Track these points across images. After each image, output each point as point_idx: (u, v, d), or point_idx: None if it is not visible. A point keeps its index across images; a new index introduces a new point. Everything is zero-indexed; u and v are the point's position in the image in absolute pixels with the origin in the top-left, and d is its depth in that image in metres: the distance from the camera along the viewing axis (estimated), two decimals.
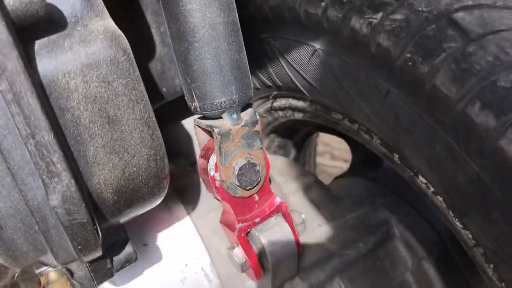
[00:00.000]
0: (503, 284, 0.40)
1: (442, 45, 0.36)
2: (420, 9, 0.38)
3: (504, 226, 0.36)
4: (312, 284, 0.53)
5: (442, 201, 0.42)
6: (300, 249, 0.53)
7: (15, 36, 0.29)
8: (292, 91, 0.56)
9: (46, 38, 0.32)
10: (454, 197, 0.40)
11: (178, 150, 0.59)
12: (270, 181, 0.59)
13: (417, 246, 0.58)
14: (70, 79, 0.32)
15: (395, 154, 0.47)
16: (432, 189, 0.44)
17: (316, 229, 0.57)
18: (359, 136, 0.52)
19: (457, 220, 0.42)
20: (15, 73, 0.29)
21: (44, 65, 0.31)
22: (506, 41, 0.35)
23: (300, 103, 0.59)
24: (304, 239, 0.56)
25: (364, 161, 0.72)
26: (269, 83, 0.59)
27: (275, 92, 0.61)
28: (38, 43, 0.32)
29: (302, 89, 0.53)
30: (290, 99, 0.60)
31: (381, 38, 0.39)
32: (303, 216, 0.54)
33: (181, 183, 0.57)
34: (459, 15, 0.37)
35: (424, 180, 0.44)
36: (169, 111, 0.58)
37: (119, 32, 0.34)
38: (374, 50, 0.40)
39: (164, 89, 0.53)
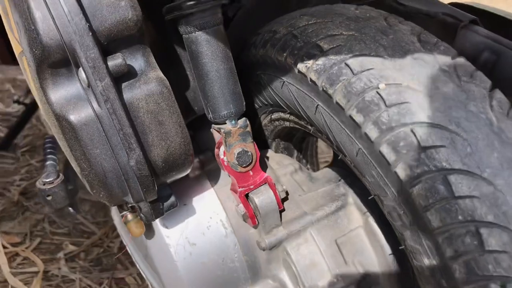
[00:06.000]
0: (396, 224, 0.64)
1: (339, 78, 0.62)
2: (331, 57, 0.64)
3: (377, 181, 0.61)
4: (291, 231, 0.79)
5: (357, 171, 0.67)
6: (281, 206, 0.79)
7: (114, 81, 0.57)
8: (279, 107, 0.83)
9: (127, 82, 0.60)
10: (357, 166, 0.65)
11: (206, 145, 0.87)
12: (267, 167, 0.86)
13: (365, 209, 0.82)
14: (139, 102, 0.60)
15: (334, 145, 0.72)
16: (352, 164, 0.69)
17: (296, 198, 0.83)
18: (318, 136, 0.77)
19: (366, 182, 0.66)
20: (113, 99, 0.57)
21: (127, 95, 0.60)
22: (371, 75, 0.60)
23: (285, 115, 0.85)
24: (288, 204, 0.82)
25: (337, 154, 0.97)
26: (266, 102, 0.86)
27: (271, 108, 0.87)
28: (123, 84, 0.60)
29: (283, 106, 0.80)
30: (280, 113, 0.87)
31: (311, 75, 0.65)
32: (284, 187, 0.80)
33: (208, 167, 0.85)
34: (349, 61, 0.62)
35: (348, 159, 0.69)
36: (201, 121, 0.86)
37: (163, 77, 0.62)
38: (309, 82, 0.66)
39: (196, 108, 0.81)
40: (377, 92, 0.58)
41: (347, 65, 0.62)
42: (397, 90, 0.58)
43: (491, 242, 0.52)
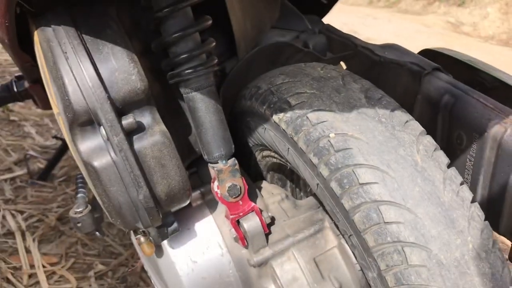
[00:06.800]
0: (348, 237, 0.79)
1: (301, 128, 0.78)
2: (296, 111, 0.80)
3: (331, 210, 0.76)
4: (275, 251, 0.94)
5: (320, 200, 0.82)
6: (267, 230, 0.94)
7: (126, 136, 0.75)
8: (265, 147, 0.99)
9: (137, 135, 0.77)
10: (319, 197, 0.80)
11: (207, 179, 1.04)
12: (257, 197, 1.02)
13: (338, 232, 0.96)
14: (146, 150, 0.77)
15: (302, 180, 0.88)
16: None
17: (281, 223, 0.98)
18: (295, 171, 0.93)
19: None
20: (126, 150, 0.74)
21: (136, 145, 0.76)
22: (325, 126, 0.76)
23: (272, 153, 1.02)
24: (274, 228, 0.97)
25: None
26: (256, 143, 1.02)
27: (261, 147, 1.04)
28: (134, 137, 0.77)
29: (267, 146, 0.96)
30: (268, 151, 1.03)
31: (282, 124, 0.82)
32: (269, 214, 0.96)
33: (208, 197, 1.01)
34: (309, 114, 0.78)
35: (313, 191, 0.85)
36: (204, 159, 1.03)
37: (166, 130, 0.79)
38: (281, 130, 0.83)
39: (197, 149, 0.98)
40: (328, 140, 0.74)
41: (307, 118, 0.78)
42: (343, 139, 0.73)
43: (413, 258, 0.66)
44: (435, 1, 8.22)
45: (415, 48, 1.23)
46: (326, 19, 1.53)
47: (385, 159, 0.70)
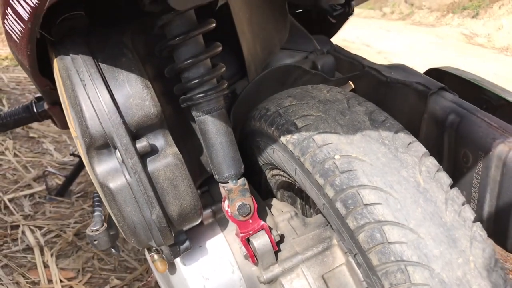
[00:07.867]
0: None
1: (308, 150, 0.81)
2: (303, 133, 0.83)
3: (337, 229, 0.78)
4: (285, 268, 0.96)
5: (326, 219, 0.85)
6: (276, 248, 0.97)
7: (140, 158, 0.79)
8: (274, 166, 1.02)
9: (151, 157, 0.81)
10: (325, 216, 0.83)
11: (219, 198, 1.07)
12: (267, 215, 1.04)
13: (346, 249, 0.98)
14: (159, 172, 0.81)
15: (310, 198, 0.90)
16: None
17: (290, 240, 1.01)
18: (303, 189, 0.96)
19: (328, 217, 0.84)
20: (140, 172, 0.78)
21: (150, 167, 0.80)
22: (330, 148, 0.78)
23: (281, 172, 1.05)
24: (283, 245, 1.00)
25: None
26: (265, 162, 1.05)
27: (270, 166, 1.07)
28: (148, 159, 0.81)
29: (276, 165, 0.99)
30: (277, 170, 1.06)
31: (289, 146, 0.85)
32: (279, 232, 0.98)
33: (219, 216, 1.04)
34: (315, 136, 0.81)
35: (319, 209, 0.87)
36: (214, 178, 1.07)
37: (178, 152, 0.83)
38: (289, 151, 0.86)
39: (208, 168, 1.02)
40: (334, 162, 0.76)
41: (313, 140, 0.80)
42: (348, 160, 0.76)
43: (415, 277, 0.68)
44: (448, 13, 8.21)
45: (429, 59, 1.26)
46: (339, 33, 1.57)
47: (388, 181, 0.73)
